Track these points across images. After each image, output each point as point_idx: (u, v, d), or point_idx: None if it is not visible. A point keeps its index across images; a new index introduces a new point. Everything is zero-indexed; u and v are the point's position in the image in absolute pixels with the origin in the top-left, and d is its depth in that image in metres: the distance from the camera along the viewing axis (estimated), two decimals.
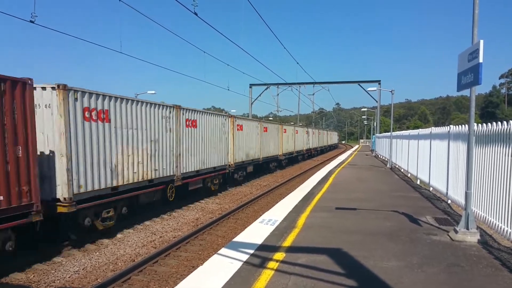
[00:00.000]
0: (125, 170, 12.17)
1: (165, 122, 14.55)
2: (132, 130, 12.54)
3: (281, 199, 13.41)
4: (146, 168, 13.33)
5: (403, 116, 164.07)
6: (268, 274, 5.78)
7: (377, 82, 45.06)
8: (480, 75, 6.77)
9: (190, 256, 10.02)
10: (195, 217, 14.53)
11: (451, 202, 11.67)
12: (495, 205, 7.91)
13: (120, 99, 11.93)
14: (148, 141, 13.44)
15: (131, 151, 12.51)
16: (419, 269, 6.03)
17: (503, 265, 6.26)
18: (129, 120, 12.39)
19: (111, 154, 11.54)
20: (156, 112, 13.92)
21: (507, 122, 7.47)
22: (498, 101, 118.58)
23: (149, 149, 13.52)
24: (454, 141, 11.24)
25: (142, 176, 13.12)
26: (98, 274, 8.77)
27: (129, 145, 12.40)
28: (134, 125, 12.64)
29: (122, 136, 12.07)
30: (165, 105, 14.64)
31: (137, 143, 12.83)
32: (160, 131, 14.18)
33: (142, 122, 13.11)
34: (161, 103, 14.43)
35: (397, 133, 27.71)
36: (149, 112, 13.49)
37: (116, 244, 10.92)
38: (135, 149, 12.71)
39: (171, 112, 15.01)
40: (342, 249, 7.05)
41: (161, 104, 14.35)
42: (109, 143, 11.46)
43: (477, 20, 7.47)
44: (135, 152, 12.70)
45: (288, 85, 50.94)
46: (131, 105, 12.47)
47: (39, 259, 9.41)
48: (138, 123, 12.86)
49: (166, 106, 14.64)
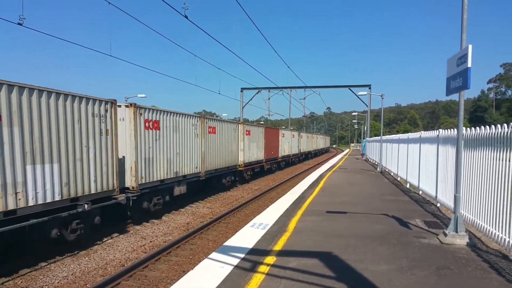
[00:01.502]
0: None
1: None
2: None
3: (272, 203, 13.40)
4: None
5: (393, 120, 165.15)
6: (259, 278, 5.77)
7: (367, 86, 45.37)
8: (468, 79, 6.85)
9: (180, 260, 9.97)
10: (185, 222, 14.46)
11: (440, 205, 11.75)
12: (484, 208, 7.99)
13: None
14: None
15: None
16: (409, 272, 6.06)
17: (492, 267, 6.32)
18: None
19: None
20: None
21: (495, 127, 7.55)
22: (486, 106, 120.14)
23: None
24: (443, 145, 11.34)
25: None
26: (87, 279, 8.68)
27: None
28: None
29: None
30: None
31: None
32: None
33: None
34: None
35: (387, 137, 27.88)
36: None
37: (105, 249, 10.83)
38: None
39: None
40: (333, 253, 7.06)
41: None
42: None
43: (465, 25, 7.56)
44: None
45: (279, 89, 51.09)
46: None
47: (27, 264, 9.29)
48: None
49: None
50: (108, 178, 11.66)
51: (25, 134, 8.81)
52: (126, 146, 13.07)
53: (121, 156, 12.84)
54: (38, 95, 9.18)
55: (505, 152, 7.06)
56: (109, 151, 11.73)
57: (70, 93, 10.17)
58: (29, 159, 8.90)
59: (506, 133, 6.98)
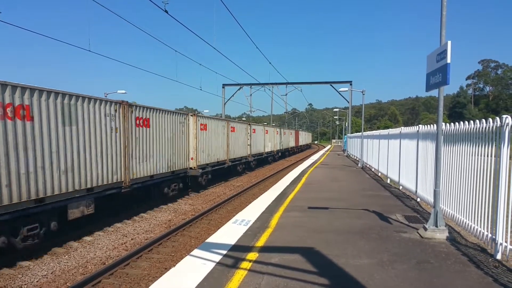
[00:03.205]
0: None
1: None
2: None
3: (254, 200, 13.39)
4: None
5: (374, 117, 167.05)
6: (241, 274, 5.75)
7: (348, 82, 45.76)
8: (448, 75, 6.93)
9: (162, 258, 9.89)
10: (167, 219, 14.35)
11: (420, 200, 11.91)
12: (463, 203, 8.12)
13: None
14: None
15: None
16: (389, 266, 6.12)
17: (470, 260, 6.43)
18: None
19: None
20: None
21: (474, 122, 7.66)
22: (465, 102, 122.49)
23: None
24: (423, 140, 11.48)
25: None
26: (67, 278, 8.54)
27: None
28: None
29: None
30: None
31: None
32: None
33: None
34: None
35: (368, 133, 28.13)
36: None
37: (86, 247, 10.67)
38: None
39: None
40: (315, 248, 7.09)
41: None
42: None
43: (445, 22, 7.65)
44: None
45: (261, 85, 51.16)
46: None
47: (5, 263, 9.08)
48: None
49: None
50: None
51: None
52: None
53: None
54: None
55: (483, 147, 7.18)
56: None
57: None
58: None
59: (485, 128, 7.09)
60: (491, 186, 6.78)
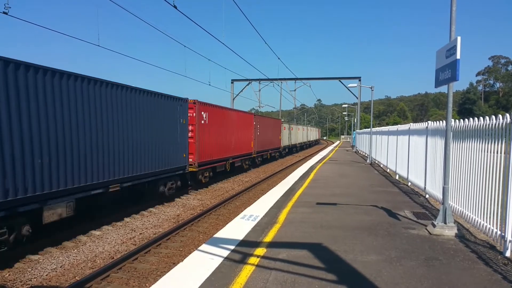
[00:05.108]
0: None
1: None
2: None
3: (262, 195, 13.42)
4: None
5: (383, 113, 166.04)
6: (249, 270, 5.77)
7: (357, 78, 45.47)
8: (457, 71, 6.88)
9: (170, 252, 9.96)
10: (176, 214, 14.43)
11: (429, 196, 11.85)
12: (472, 200, 8.07)
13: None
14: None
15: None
16: (397, 262, 6.11)
17: (479, 257, 6.39)
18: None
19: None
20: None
21: (483, 118, 7.60)
22: (475, 98, 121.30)
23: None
24: (432, 136, 11.41)
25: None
26: (76, 271, 8.63)
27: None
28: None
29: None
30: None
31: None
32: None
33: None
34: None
35: (377, 129, 28.01)
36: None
37: (94, 242, 10.77)
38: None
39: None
40: (323, 244, 7.10)
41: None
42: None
43: (454, 17, 7.57)
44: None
45: (270, 81, 50.89)
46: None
47: (14, 257, 9.20)
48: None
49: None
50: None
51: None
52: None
53: None
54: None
55: (493, 143, 7.12)
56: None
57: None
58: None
59: (494, 125, 7.03)
60: (500, 183, 6.72)
